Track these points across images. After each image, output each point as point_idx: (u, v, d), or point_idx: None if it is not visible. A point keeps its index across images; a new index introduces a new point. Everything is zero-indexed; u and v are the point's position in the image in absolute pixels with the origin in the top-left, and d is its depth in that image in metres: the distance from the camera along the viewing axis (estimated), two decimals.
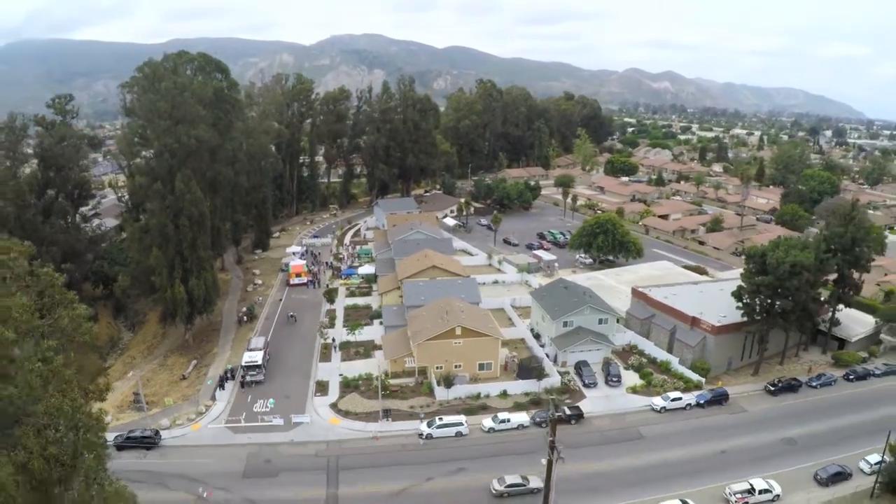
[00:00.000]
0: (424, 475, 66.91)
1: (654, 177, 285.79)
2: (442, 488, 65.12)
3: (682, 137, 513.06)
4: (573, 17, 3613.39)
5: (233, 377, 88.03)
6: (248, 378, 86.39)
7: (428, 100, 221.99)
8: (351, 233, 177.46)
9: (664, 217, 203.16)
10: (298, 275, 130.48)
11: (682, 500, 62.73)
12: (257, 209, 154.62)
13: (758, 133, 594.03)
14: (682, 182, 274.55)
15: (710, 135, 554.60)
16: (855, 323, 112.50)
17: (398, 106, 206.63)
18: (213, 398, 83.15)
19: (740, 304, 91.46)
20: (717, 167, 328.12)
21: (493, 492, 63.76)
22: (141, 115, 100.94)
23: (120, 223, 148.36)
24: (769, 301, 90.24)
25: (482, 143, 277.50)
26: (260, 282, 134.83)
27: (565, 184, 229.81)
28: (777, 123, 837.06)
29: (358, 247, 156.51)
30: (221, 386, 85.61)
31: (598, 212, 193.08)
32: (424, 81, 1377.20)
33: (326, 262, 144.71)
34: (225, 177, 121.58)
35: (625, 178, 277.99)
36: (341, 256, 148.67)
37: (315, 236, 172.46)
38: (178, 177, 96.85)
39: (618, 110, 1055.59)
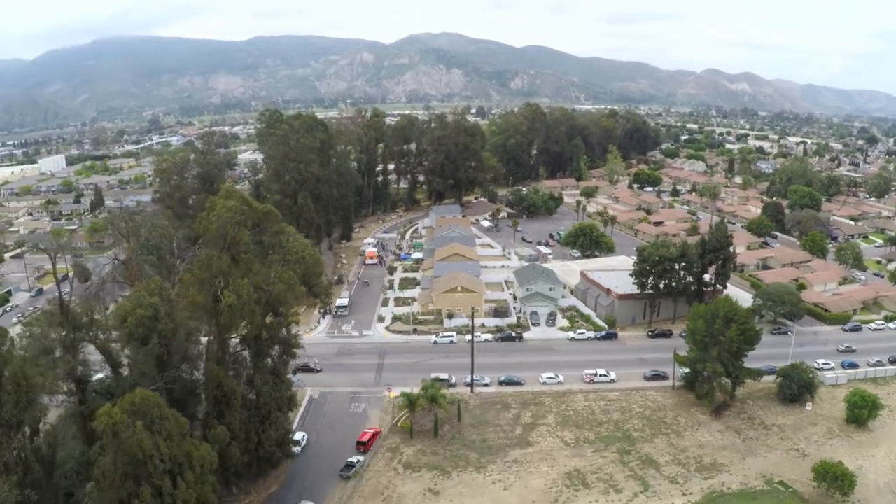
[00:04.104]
0: (430, 357, 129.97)
1: (670, 188, 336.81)
2: (437, 363, 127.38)
3: (731, 147, 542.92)
4: (654, 17, 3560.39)
5: (331, 313, 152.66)
6: (339, 313, 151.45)
7: (476, 126, 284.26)
8: (412, 230, 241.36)
9: (658, 223, 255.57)
10: (371, 258, 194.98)
11: (555, 373, 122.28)
12: (343, 211, 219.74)
13: (810, 142, 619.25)
14: (692, 193, 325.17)
15: (760, 144, 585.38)
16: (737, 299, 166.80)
17: (452, 132, 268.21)
18: (319, 322, 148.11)
19: (635, 282, 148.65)
20: (739, 179, 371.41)
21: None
22: (276, 159, 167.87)
23: None
24: (651, 280, 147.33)
25: (526, 158, 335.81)
26: (345, 262, 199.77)
27: (588, 194, 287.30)
28: (841, 129, 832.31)
29: (414, 240, 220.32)
30: (324, 317, 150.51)
31: (606, 218, 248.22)
32: (502, 80, 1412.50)
33: (391, 250, 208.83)
34: (324, 192, 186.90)
35: (650, 189, 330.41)
36: (401, 246, 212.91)
37: (385, 232, 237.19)
38: (299, 195, 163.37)
39: (689, 113, 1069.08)
